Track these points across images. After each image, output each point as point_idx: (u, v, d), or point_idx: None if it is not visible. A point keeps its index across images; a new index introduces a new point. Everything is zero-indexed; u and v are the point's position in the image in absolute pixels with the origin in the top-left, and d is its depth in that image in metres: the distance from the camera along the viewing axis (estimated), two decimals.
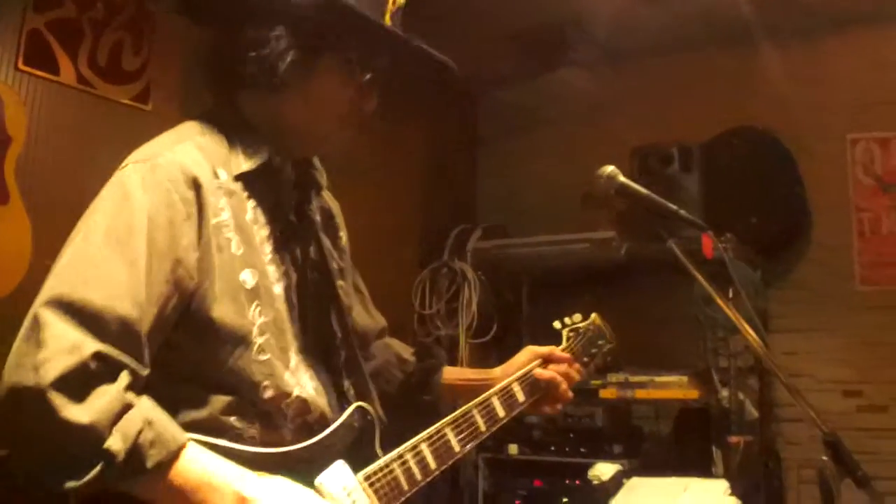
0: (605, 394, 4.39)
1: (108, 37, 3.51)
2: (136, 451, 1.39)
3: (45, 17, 3.29)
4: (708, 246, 4.09)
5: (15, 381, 1.37)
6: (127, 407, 1.41)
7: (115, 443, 1.38)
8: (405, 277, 4.99)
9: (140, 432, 1.40)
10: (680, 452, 4.38)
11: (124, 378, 1.43)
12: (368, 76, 1.80)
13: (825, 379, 4.56)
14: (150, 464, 1.40)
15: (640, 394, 4.35)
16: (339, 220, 2.09)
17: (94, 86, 3.44)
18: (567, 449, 4.40)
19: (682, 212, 2.30)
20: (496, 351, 4.99)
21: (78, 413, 1.36)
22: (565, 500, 4.20)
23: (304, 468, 1.63)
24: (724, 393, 4.11)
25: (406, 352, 2.27)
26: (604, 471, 3.89)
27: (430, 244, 5.16)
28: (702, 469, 4.01)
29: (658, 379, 4.34)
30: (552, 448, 4.44)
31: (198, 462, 1.47)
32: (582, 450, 4.37)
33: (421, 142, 5.33)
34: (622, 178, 2.26)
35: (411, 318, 4.87)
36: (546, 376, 2.20)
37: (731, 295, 3.97)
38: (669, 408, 4.61)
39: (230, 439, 1.57)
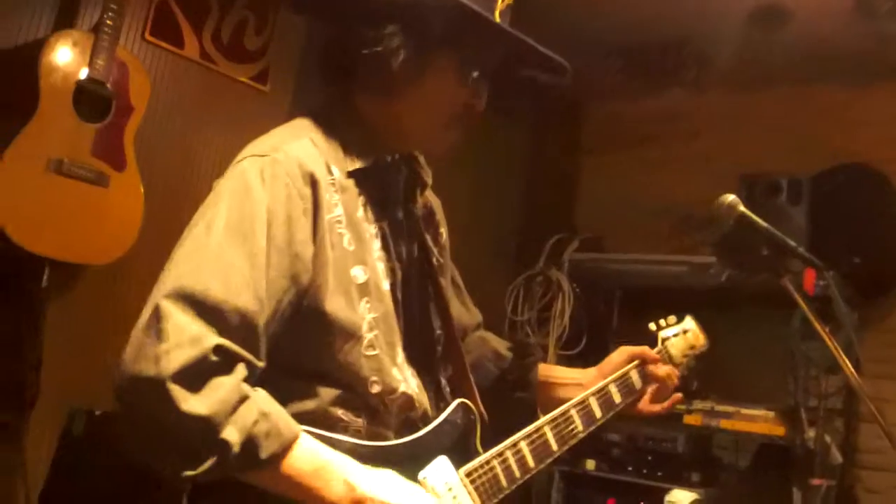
0: (690, 420, 4.33)
1: (234, 15, 3.58)
2: (251, 443, 1.42)
3: None
4: (811, 281, 4.01)
5: (136, 371, 1.39)
6: (243, 398, 1.43)
7: (231, 434, 1.40)
8: (499, 281, 4.99)
9: (255, 423, 1.42)
10: (757, 488, 4.30)
11: (241, 370, 1.46)
12: (479, 75, 1.80)
13: None
14: (264, 455, 1.43)
15: (725, 424, 4.28)
16: (441, 216, 2.09)
17: (216, 62, 3.52)
18: (645, 471, 4.35)
19: (801, 249, 2.26)
20: (582, 364, 4.94)
21: (196, 404, 1.38)
22: None
23: (406, 463, 1.64)
24: (811, 433, 4.02)
25: (503, 347, 2.25)
26: (681, 498, 3.85)
27: (526, 250, 5.15)
28: None
29: (745, 411, 4.26)
30: (629, 468, 4.39)
31: (310, 453, 1.50)
32: (659, 473, 4.31)
33: (525, 146, 5.32)
34: (742, 209, 2.24)
35: (502, 324, 4.87)
36: (658, 374, 2.19)
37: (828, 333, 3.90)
38: (750, 441, 4.52)
39: (337, 431, 1.59)
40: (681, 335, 2.40)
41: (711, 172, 4.95)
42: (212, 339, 1.42)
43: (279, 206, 1.57)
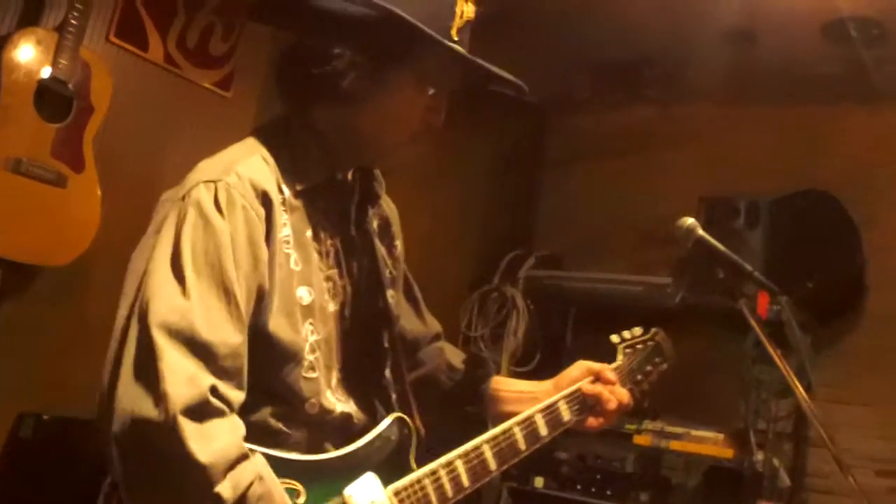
0: (639, 440, 4.36)
1: (200, 20, 3.55)
2: (242, 503, 1.41)
3: None
4: (764, 305, 4.06)
5: (136, 412, 1.38)
6: (242, 457, 1.43)
7: (226, 490, 1.39)
8: (453, 296, 4.98)
9: (250, 485, 1.42)
10: None
11: (238, 422, 1.46)
12: (435, 91, 1.79)
13: (860, 455, 4.48)
14: None
15: (675, 445, 4.31)
16: (396, 227, 2.07)
17: (180, 66, 3.49)
18: (593, 489, 4.36)
19: (756, 273, 2.28)
20: (536, 380, 4.95)
21: (200, 449, 1.37)
22: None
23: (341, 476, 1.63)
24: (760, 456, 4.06)
25: (457, 358, 2.21)
26: None
27: (482, 266, 5.15)
28: None
29: (695, 432, 4.29)
30: (578, 486, 4.40)
31: None
32: (608, 492, 4.33)
33: (486, 158, 5.32)
34: (701, 232, 2.25)
35: (456, 339, 4.86)
36: (594, 392, 2.06)
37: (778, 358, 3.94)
38: (699, 462, 4.54)
39: (278, 443, 1.59)
40: (644, 349, 2.33)
41: (673, 191, 4.99)
42: (207, 379, 1.42)
43: (240, 232, 1.56)
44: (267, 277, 1.60)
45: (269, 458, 1.54)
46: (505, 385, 2.19)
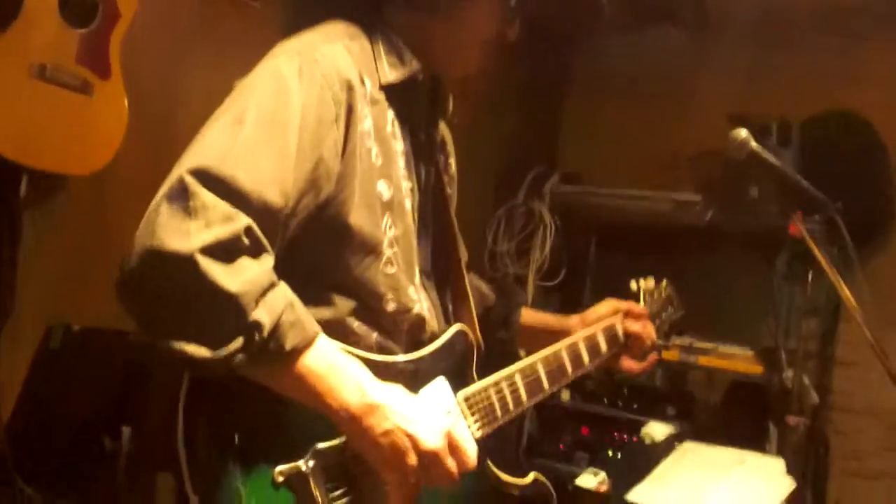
0: (667, 355, 4.33)
1: None
2: (278, 330, 1.37)
3: None
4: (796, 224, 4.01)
5: (159, 244, 1.32)
6: (273, 284, 1.39)
7: (262, 316, 1.35)
8: (479, 212, 4.94)
9: (283, 312, 1.38)
10: (732, 424, 4.34)
11: (268, 258, 1.41)
12: (515, 4, 1.79)
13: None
14: (288, 345, 1.39)
15: (703, 360, 4.31)
16: (452, 147, 2.07)
17: None
18: (620, 403, 4.36)
19: (812, 188, 2.28)
20: (560, 295, 4.96)
21: (227, 280, 1.32)
22: (611, 452, 4.17)
23: (409, 380, 1.64)
24: (789, 373, 4.05)
25: (485, 287, 2.26)
26: (657, 431, 3.87)
27: (506, 181, 5.10)
28: (753, 444, 3.96)
29: (723, 349, 4.29)
30: (605, 400, 4.40)
31: (328, 354, 1.47)
32: (634, 406, 4.33)
33: (512, 77, 5.24)
34: (755, 144, 2.26)
35: (483, 254, 4.83)
36: (631, 329, 2.21)
37: (811, 277, 3.93)
38: (723, 378, 4.56)
39: (350, 343, 1.58)
40: (659, 296, 2.44)
41: (700, 111, 4.92)
42: (244, 219, 1.37)
43: (312, 108, 1.52)
44: (333, 165, 1.56)
45: (351, 354, 1.54)
46: (534, 317, 2.27)
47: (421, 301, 1.75)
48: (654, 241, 4.76)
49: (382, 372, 1.57)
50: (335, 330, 1.56)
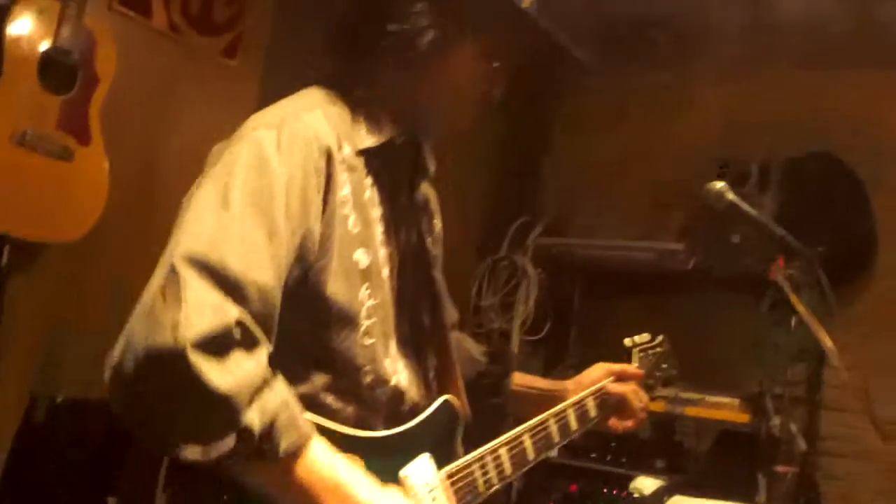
0: (654, 406, 4.28)
1: None
2: (271, 432, 1.34)
3: None
4: (776, 269, 4.03)
5: (151, 341, 1.29)
6: (267, 382, 1.36)
7: (254, 417, 1.32)
8: (463, 266, 4.94)
9: (278, 413, 1.36)
10: (721, 475, 4.32)
11: (263, 352, 1.38)
12: (499, 64, 1.76)
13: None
14: (282, 447, 1.36)
15: (690, 411, 4.31)
16: (436, 207, 2.05)
17: (184, 34, 3.43)
18: (608, 457, 4.35)
19: (790, 237, 2.29)
20: (545, 348, 4.95)
21: (219, 379, 1.29)
22: None
23: (391, 455, 1.62)
24: (776, 421, 4.04)
25: (477, 351, 2.24)
26: (646, 485, 3.85)
27: (490, 234, 5.11)
28: (743, 494, 3.95)
29: (709, 398, 4.28)
30: (592, 455, 4.38)
31: (323, 460, 1.43)
32: (623, 460, 4.31)
33: (492, 124, 5.26)
34: (732, 196, 2.26)
35: (467, 308, 4.82)
36: (619, 391, 2.19)
37: (794, 321, 3.93)
38: (711, 427, 4.53)
39: (327, 417, 1.54)
40: (654, 354, 2.41)
41: (682, 155, 4.96)
42: (234, 310, 1.34)
43: (296, 180, 1.50)
44: (317, 235, 1.54)
45: (325, 430, 1.49)
46: (525, 381, 2.23)
47: (398, 372, 1.71)
48: (638, 291, 4.78)
49: (363, 447, 1.55)
50: (311, 404, 1.52)
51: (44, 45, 2.79)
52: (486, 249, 5.05)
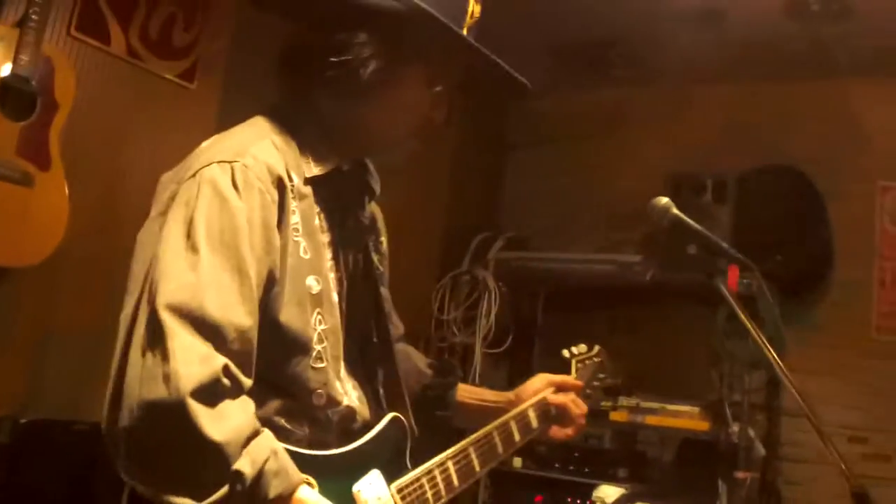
0: (615, 416, 4.39)
1: (161, 10, 3.51)
2: (261, 479, 1.40)
3: None
4: (734, 279, 4.09)
5: (145, 396, 1.35)
6: (256, 433, 1.43)
7: (245, 466, 1.38)
8: (424, 281, 4.98)
9: (266, 461, 1.42)
10: (683, 482, 4.38)
11: (248, 400, 1.45)
12: (440, 87, 1.82)
13: (832, 423, 4.53)
14: (272, 494, 1.42)
15: (651, 420, 4.36)
16: (382, 225, 2.10)
17: (143, 59, 3.44)
18: (571, 467, 4.40)
19: (732, 250, 2.33)
20: (509, 361, 4.99)
21: (212, 428, 1.36)
22: None
23: (343, 473, 1.67)
24: (735, 427, 4.10)
25: (423, 363, 2.29)
26: (609, 493, 3.91)
27: (451, 249, 5.16)
28: (705, 501, 4.01)
29: (670, 407, 4.34)
30: (556, 465, 4.44)
31: (311, 499, 1.50)
32: (586, 469, 4.37)
33: (449, 143, 5.32)
34: (676, 211, 2.31)
35: (429, 323, 4.86)
36: (559, 401, 2.23)
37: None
38: (674, 436, 4.59)
39: (281, 439, 1.58)
40: (591, 364, 2.47)
41: (640, 170, 5.04)
42: (219, 359, 1.40)
43: (256, 215, 1.55)
44: (278, 264, 1.59)
45: (287, 453, 1.54)
46: (470, 393, 2.29)
47: (348, 393, 1.77)
48: (599, 303, 4.84)
49: (316, 466, 1.60)
50: (267, 426, 1.56)
51: (3, 72, 2.81)
52: (450, 264, 5.09)
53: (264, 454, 1.42)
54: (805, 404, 2.29)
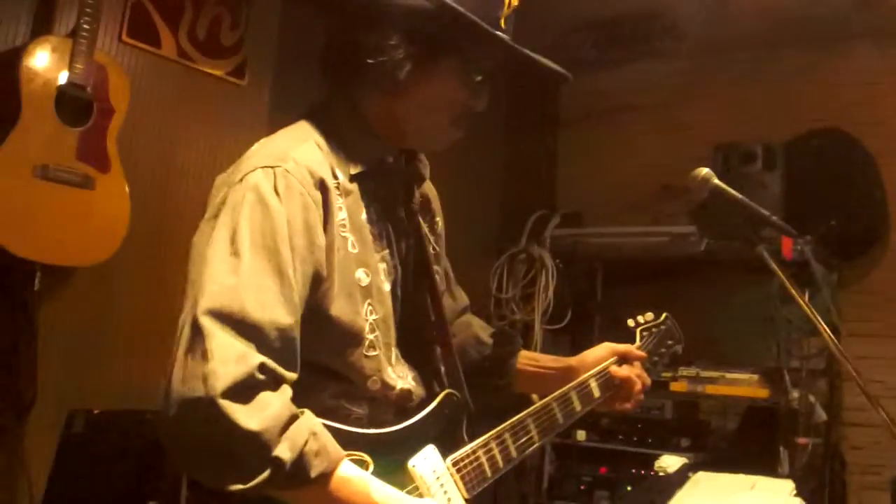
0: (676, 387, 4.42)
1: (208, 11, 3.60)
2: (301, 461, 1.46)
3: None
4: (788, 247, 4.09)
5: (185, 392, 1.42)
6: (294, 417, 1.48)
7: (284, 451, 1.43)
8: (483, 260, 5.05)
9: (306, 442, 1.47)
10: (745, 449, 4.39)
11: (286, 389, 1.50)
12: (480, 78, 1.83)
13: (893, 386, 4.52)
14: (314, 474, 1.47)
15: (711, 389, 4.37)
16: (437, 206, 2.12)
17: (193, 59, 3.55)
18: (635, 439, 4.46)
19: (774, 217, 2.31)
20: (569, 337, 5.04)
21: (249, 420, 1.41)
22: (629, 488, 4.24)
23: (400, 449, 1.72)
24: (795, 394, 4.11)
25: (485, 332, 2.29)
26: (670, 463, 3.93)
27: (508, 228, 5.22)
28: (768, 468, 4.01)
29: (729, 375, 4.35)
30: (620, 437, 4.50)
31: (353, 478, 1.55)
32: (649, 440, 4.42)
33: (502, 124, 5.36)
34: (716, 181, 2.28)
35: (488, 302, 4.93)
36: (622, 374, 2.21)
37: (806, 297, 3.99)
38: (737, 404, 4.61)
39: (341, 418, 1.65)
40: (658, 332, 2.43)
41: (687, 141, 5.04)
42: (256, 357, 1.46)
43: (297, 217, 1.61)
44: (324, 262, 1.65)
45: (335, 431, 1.59)
46: (531, 361, 2.27)
47: (403, 377, 1.82)
48: (655, 274, 4.86)
49: (372, 444, 1.65)
50: (325, 409, 1.63)
51: (60, 81, 2.91)
52: (506, 244, 5.16)
53: (304, 436, 1.47)
54: (851, 366, 2.27)
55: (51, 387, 3.07)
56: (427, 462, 1.73)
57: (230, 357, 1.43)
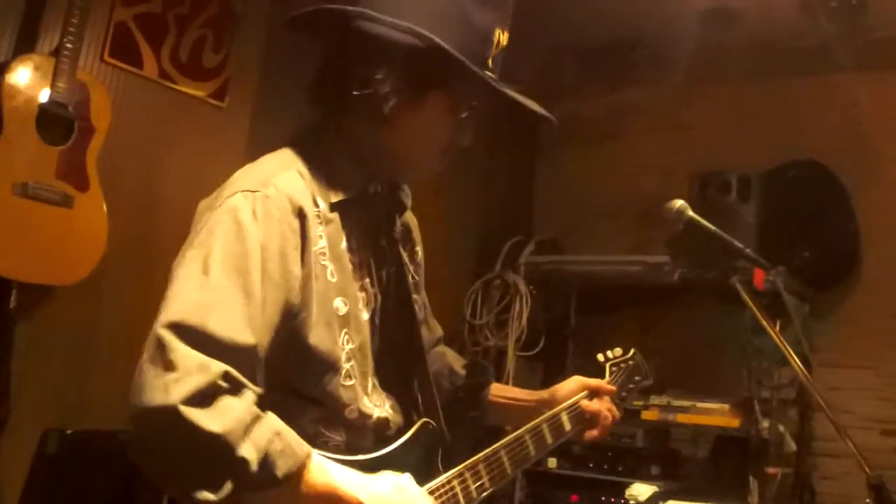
0: (647, 415, 4.44)
1: (191, 33, 3.62)
2: (267, 461, 1.46)
3: (132, 11, 3.41)
4: (760, 278, 4.13)
5: (146, 402, 1.42)
6: (256, 418, 1.47)
7: (248, 452, 1.43)
8: (458, 286, 5.06)
9: (270, 442, 1.47)
10: (716, 479, 4.41)
11: (250, 394, 1.50)
12: (466, 114, 1.87)
13: (864, 416, 4.56)
14: (280, 473, 1.47)
15: (682, 418, 4.40)
16: (416, 234, 2.14)
17: (175, 80, 3.56)
18: (605, 466, 4.46)
19: (748, 250, 2.35)
20: (542, 363, 5.06)
21: (212, 423, 1.41)
22: None
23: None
24: (765, 424, 4.14)
25: (458, 363, 2.32)
26: (641, 491, 3.96)
27: (484, 253, 5.24)
28: (738, 497, 4.05)
29: (700, 405, 4.38)
30: (591, 465, 4.50)
31: (322, 472, 1.56)
32: (620, 468, 4.43)
33: (481, 147, 5.38)
34: (691, 213, 2.31)
35: (462, 328, 4.93)
36: (593, 408, 2.24)
37: (778, 327, 4.03)
38: (707, 433, 4.64)
39: (319, 445, 1.65)
40: (626, 367, 2.47)
41: (666, 170, 5.08)
42: (219, 366, 1.46)
43: (272, 242, 1.61)
44: (298, 291, 1.65)
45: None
46: (503, 392, 2.31)
47: (380, 405, 1.83)
48: (629, 302, 4.90)
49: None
50: (305, 435, 1.61)
51: (42, 99, 2.92)
52: (480, 270, 5.17)
53: (266, 436, 1.47)
54: (820, 397, 2.31)
55: (27, 406, 3.05)
56: None
57: (192, 367, 1.43)
